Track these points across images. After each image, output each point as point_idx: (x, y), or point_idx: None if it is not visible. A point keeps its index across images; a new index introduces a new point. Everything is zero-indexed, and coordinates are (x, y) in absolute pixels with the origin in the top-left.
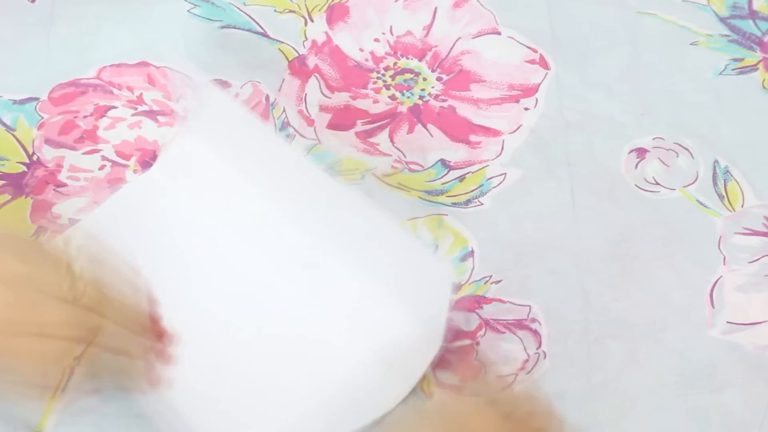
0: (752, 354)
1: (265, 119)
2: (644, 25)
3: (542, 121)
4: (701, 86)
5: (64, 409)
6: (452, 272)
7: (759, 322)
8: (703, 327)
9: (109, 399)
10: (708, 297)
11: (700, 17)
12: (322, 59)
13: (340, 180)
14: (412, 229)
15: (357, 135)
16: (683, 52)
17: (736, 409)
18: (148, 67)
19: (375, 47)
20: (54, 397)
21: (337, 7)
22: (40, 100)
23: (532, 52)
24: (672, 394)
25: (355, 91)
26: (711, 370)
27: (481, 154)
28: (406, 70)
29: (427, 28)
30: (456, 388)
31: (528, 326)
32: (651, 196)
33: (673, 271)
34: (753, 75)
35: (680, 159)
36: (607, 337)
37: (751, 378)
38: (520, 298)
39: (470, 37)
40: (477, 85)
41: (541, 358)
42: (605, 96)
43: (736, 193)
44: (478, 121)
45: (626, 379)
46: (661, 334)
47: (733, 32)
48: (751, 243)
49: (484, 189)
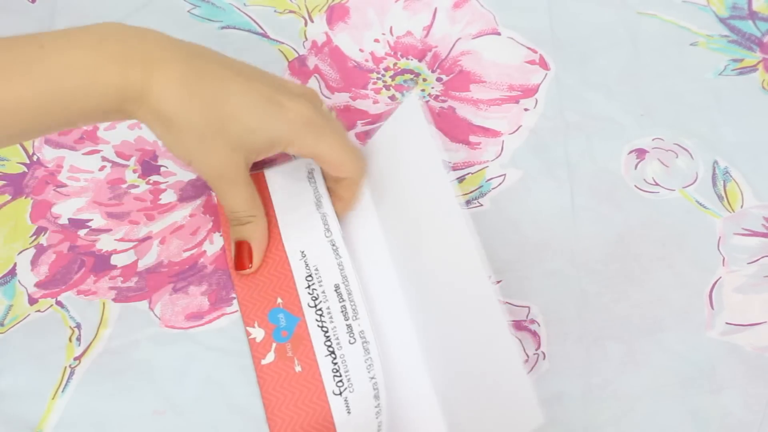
0: (751, 355)
1: None
2: (644, 25)
3: (542, 122)
4: (701, 87)
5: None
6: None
7: (758, 323)
8: (702, 328)
9: (109, 398)
10: (707, 298)
11: (699, 18)
12: (322, 60)
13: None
14: None
15: (357, 136)
16: (683, 52)
17: (735, 410)
18: None
19: (375, 48)
20: (54, 398)
21: (337, 8)
22: None
23: (532, 53)
24: (671, 395)
25: (355, 91)
26: (710, 371)
27: (480, 155)
28: (406, 71)
29: (427, 29)
30: None
31: (527, 327)
32: (650, 196)
33: (672, 272)
34: (753, 75)
35: (680, 160)
36: (607, 338)
37: (751, 379)
38: (520, 299)
39: (470, 38)
40: (477, 86)
41: (541, 358)
42: (605, 97)
43: (736, 194)
44: (477, 122)
45: (625, 380)
46: (660, 335)
47: (733, 33)
48: (750, 244)
49: (484, 190)
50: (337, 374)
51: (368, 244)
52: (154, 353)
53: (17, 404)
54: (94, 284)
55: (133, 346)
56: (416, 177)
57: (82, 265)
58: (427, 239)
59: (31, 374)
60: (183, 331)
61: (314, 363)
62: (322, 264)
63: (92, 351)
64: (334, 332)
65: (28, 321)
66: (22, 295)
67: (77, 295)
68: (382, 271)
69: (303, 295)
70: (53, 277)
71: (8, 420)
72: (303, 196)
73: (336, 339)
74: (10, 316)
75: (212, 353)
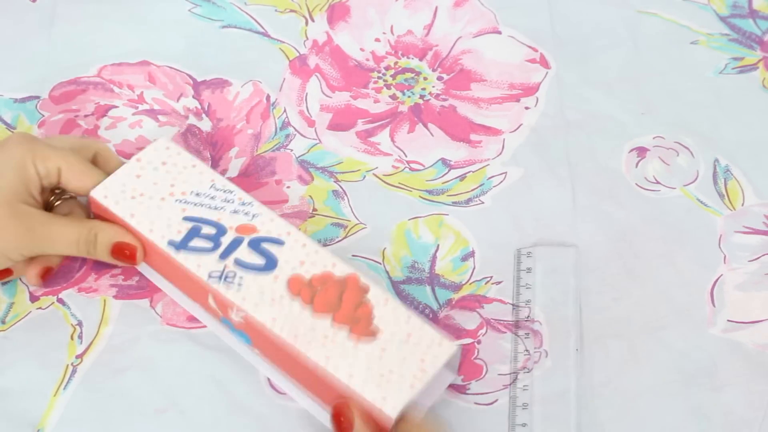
0: (753, 352)
1: (266, 119)
2: (645, 24)
3: (543, 120)
4: (701, 85)
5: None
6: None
7: (759, 320)
8: (703, 325)
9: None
10: (708, 295)
11: (700, 16)
12: (322, 59)
13: (342, 179)
14: (413, 229)
15: (358, 135)
16: (683, 51)
17: (736, 408)
18: (149, 66)
19: (376, 47)
20: (56, 395)
21: (338, 7)
22: (41, 98)
23: (533, 51)
24: (673, 392)
25: (356, 90)
26: (711, 369)
27: (481, 153)
28: (407, 70)
29: (428, 28)
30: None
31: (528, 326)
32: (651, 195)
33: (673, 269)
34: (753, 74)
35: (680, 158)
36: (608, 336)
37: (752, 376)
38: (521, 298)
39: (471, 37)
40: (477, 85)
41: (542, 357)
42: (606, 95)
43: (737, 192)
44: (478, 120)
45: (627, 378)
46: (661, 333)
47: (734, 31)
48: (751, 241)
49: (485, 188)
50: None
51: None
52: (156, 351)
53: (19, 402)
54: (95, 282)
55: (135, 344)
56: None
57: (83, 263)
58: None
59: (33, 372)
60: (185, 331)
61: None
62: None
63: (94, 349)
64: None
65: (30, 318)
66: (23, 292)
67: (78, 292)
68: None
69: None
70: (54, 275)
71: (10, 418)
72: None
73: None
74: (12, 313)
75: (214, 352)
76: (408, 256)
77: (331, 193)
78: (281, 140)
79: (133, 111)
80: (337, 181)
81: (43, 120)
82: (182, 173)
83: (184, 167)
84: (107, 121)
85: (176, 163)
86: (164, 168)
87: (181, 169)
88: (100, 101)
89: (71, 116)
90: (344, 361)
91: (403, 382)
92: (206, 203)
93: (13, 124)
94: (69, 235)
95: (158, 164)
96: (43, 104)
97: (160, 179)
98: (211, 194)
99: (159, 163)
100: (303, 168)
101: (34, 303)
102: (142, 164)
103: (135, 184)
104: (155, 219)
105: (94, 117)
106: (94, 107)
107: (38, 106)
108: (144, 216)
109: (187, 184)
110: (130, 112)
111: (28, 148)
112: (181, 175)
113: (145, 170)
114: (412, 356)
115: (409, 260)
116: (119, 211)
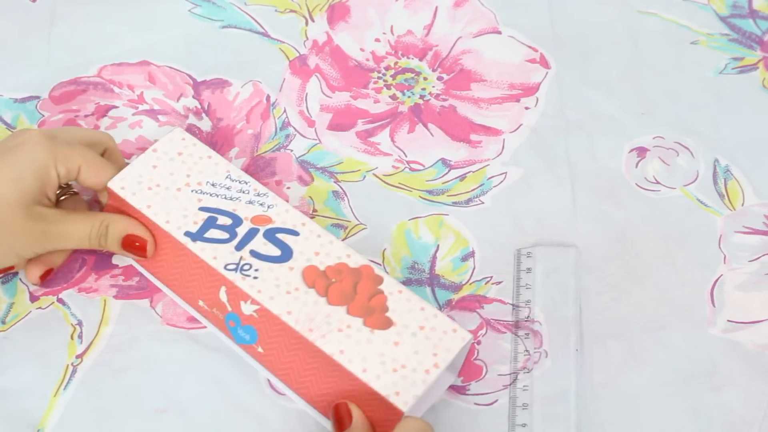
0: (753, 352)
1: (266, 119)
2: (644, 24)
3: (543, 120)
4: (701, 85)
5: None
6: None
7: (759, 320)
8: (703, 325)
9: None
10: (708, 295)
11: (700, 16)
12: (322, 59)
13: (342, 179)
14: (413, 229)
15: (358, 135)
16: (683, 51)
17: (736, 408)
18: (149, 66)
19: (376, 47)
20: (56, 395)
21: (338, 7)
22: (41, 98)
23: (533, 51)
24: (672, 392)
25: (356, 90)
26: (711, 369)
27: (481, 154)
28: (407, 70)
29: (428, 28)
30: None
31: (528, 326)
32: (651, 195)
33: (673, 269)
34: (753, 74)
35: (680, 158)
36: (608, 336)
37: (752, 376)
38: (521, 298)
39: (471, 37)
40: (477, 85)
41: (542, 357)
42: (606, 95)
43: (737, 192)
44: (478, 121)
45: (627, 378)
46: (661, 333)
47: (734, 31)
48: (751, 242)
49: (485, 188)
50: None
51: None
52: (156, 351)
53: (19, 402)
54: (95, 282)
55: (135, 344)
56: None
57: (83, 264)
58: None
59: (33, 372)
60: (185, 331)
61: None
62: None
63: (94, 349)
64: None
65: (30, 318)
66: (23, 292)
67: (78, 292)
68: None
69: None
70: (54, 275)
71: (10, 418)
72: (163, 180)
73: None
74: (12, 314)
75: (214, 352)
76: (408, 256)
77: (331, 194)
78: (281, 140)
79: (133, 111)
80: (337, 181)
81: (43, 120)
82: (198, 164)
83: (199, 158)
84: (107, 121)
85: (192, 154)
86: (180, 158)
87: (196, 159)
88: (100, 101)
89: (71, 116)
90: (358, 354)
91: (415, 376)
92: (222, 194)
93: (13, 124)
94: (81, 229)
95: (174, 155)
96: (43, 104)
97: (176, 170)
98: (227, 185)
99: (175, 154)
100: (303, 168)
101: (34, 303)
102: (158, 155)
103: (151, 175)
104: (171, 210)
105: (94, 117)
106: (94, 107)
107: (38, 106)
108: (161, 207)
109: (202, 174)
110: (130, 112)
111: (48, 149)
112: (196, 165)
113: (161, 161)
114: (424, 349)
115: (409, 261)
116: (136, 202)
